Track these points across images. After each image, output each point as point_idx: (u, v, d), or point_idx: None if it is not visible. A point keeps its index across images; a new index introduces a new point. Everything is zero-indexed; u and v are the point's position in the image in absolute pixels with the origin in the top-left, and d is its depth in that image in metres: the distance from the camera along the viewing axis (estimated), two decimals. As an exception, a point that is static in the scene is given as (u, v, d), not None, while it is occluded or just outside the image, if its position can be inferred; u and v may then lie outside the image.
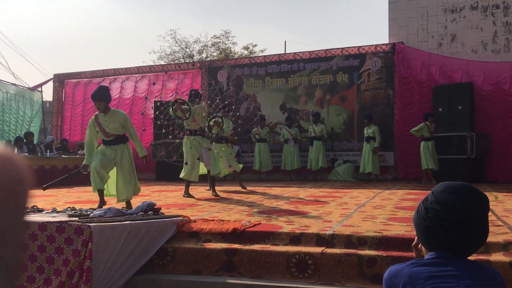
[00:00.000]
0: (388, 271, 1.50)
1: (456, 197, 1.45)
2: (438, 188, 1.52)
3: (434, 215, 1.46)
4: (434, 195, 1.51)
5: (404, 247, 3.75)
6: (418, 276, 1.40)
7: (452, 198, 1.45)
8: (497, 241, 3.75)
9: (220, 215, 5.38)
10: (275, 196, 7.84)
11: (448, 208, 1.44)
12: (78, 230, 3.64)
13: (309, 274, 3.77)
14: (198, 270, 4.05)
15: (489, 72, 11.58)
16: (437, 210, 1.46)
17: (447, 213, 1.44)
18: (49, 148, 12.74)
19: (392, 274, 1.47)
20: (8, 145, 11.05)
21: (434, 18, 12.68)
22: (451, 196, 1.46)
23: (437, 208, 1.46)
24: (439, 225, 1.45)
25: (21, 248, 0.85)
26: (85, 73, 16.61)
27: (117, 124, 6.22)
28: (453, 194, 1.46)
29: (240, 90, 14.45)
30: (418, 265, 1.44)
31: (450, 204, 1.45)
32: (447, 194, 1.47)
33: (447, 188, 1.49)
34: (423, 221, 1.50)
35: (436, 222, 1.46)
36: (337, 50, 13.51)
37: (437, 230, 1.46)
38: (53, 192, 9.23)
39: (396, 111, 12.55)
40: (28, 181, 0.85)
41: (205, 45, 30.54)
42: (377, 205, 6.35)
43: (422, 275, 1.40)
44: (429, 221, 1.48)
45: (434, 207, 1.47)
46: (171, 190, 9.43)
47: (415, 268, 1.43)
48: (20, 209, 0.84)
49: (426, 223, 1.49)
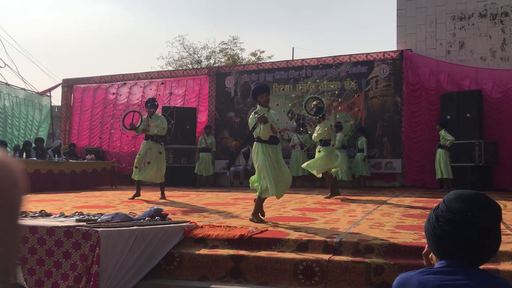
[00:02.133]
0: (398, 278, 1.49)
1: (467, 206, 1.43)
2: (450, 197, 1.50)
3: (445, 223, 1.45)
4: (445, 204, 1.49)
5: (412, 255, 3.73)
6: (428, 285, 1.39)
7: (463, 207, 1.43)
8: (506, 250, 3.72)
9: (227, 221, 5.37)
10: (282, 203, 7.83)
11: (459, 217, 1.42)
12: (86, 235, 3.65)
13: (316, 281, 3.75)
14: (205, 276, 4.05)
15: (498, 79, 11.53)
16: (448, 219, 1.44)
17: (458, 222, 1.42)
18: (57, 152, 12.81)
19: (402, 282, 1.46)
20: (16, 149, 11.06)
21: (443, 26, 12.66)
22: (463, 204, 1.44)
23: (448, 216, 1.45)
24: (450, 233, 1.43)
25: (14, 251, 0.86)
26: (94, 78, 16.72)
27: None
28: (465, 202, 1.44)
29: (247, 96, 14.47)
30: (428, 273, 1.43)
31: (461, 213, 1.42)
32: (459, 202, 1.45)
33: (459, 197, 1.47)
34: (433, 230, 1.48)
35: (447, 230, 1.44)
36: (345, 56, 13.51)
37: (448, 238, 1.44)
38: (60, 196, 9.28)
39: (404, 118, 12.52)
40: (22, 186, 0.86)
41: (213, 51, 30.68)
42: (385, 213, 6.32)
43: (432, 283, 1.39)
44: (439, 229, 1.46)
45: (445, 216, 1.45)
46: (178, 196, 9.44)
47: (425, 276, 1.42)
48: (13, 213, 0.85)
49: (436, 232, 1.47)
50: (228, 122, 14.66)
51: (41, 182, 11.17)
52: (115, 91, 16.15)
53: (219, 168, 14.27)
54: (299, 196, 9.30)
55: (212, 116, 14.80)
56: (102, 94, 16.44)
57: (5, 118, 15.53)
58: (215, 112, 14.79)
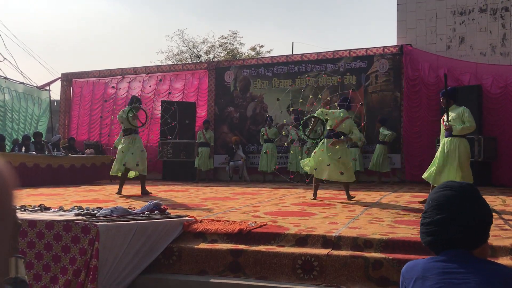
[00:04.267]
0: (406, 264, 1.57)
1: (432, 195, 1.54)
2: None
3: (423, 218, 1.55)
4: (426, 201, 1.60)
5: (411, 250, 3.74)
6: (431, 272, 1.45)
7: (430, 197, 1.56)
8: (504, 245, 3.73)
9: (226, 215, 5.38)
10: (281, 197, 7.84)
11: (428, 207, 1.53)
12: (85, 229, 3.65)
13: (314, 276, 3.76)
14: (204, 270, 4.06)
15: (498, 75, 11.51)
16: (423, 214, 1.55)
17: (428, 212, 1.52)
18: (56, 146, 12.80)
19: (409, 268, 1.54)
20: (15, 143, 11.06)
21: (443, 21, 12.63)
22: (429, 197, 1.56)
23: (423, 213, 1.56)
24: (428, 225, 1.51)
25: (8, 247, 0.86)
26: (93, 72, 16.69)
27: None
28: (432, 193, 1.56)
29: (247, 91, 14.47)
30: (434, 261, 1.49)
31: (428, 203, 1.54)
32: (429, 195, 1.57)
33: (432, 192, 1.58)
34: (420, 228, 1.56)
35: (425, 223, 1.53)
36: (344, 51, 13.49)
37: (429, 231, 1.51)
38: (60, 191, 9.28)
39: (404, 114, 12.51)
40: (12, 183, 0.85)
41: (212, 46, 30.62)
42: (384, 208, 6.33)
43: (434, 270, 1.44)
44: (422, 226, 1.55)
45: (423, 215, 1.56)
46: (177, 190, 9.45)
47: (430, 263, 1.48)
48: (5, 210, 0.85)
49: (422, 229, 1.55)
50: (228, 117, 14.65)
51: (40, 176, 11.17)
52: (115, 85, 16.12)
53: (218, 162, 14.27)
54: (298, 191, 9.31)
55: (212, 111, 14.78)
56: (101, 89, 16.42)
57: (5, 112, 15.52)
58: (215, 107, 14.78)
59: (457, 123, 6.43)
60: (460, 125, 6.38)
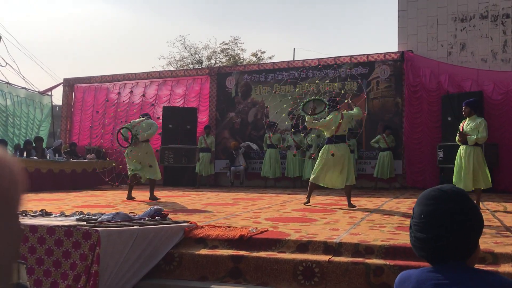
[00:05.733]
0: (400, 275, 1.53)
1: (421, 207, 1.47)
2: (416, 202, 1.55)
3: (413, 230, 1.49)
4: (413, 211, 1.53)
5: (412, 256, 3.72)
6: (425, 283, 1.42)
7: (419, 209, 1.48)
8: (506, 252, 3.72)
9: (227, 221, 5.37)
10: (282, 203, 7.83)
11: (418, 221, 1.47)
12: (86, 234, 3.65)
13: (315, 282, 3.75)
14: (205, 276, 4.05)
15: (499, 81, 11.52)
16: (414, 225, 1.49)
17: (419, 225, 1.46)
18: (57, 152, 12.81)
19: (403, 279, 1.50)
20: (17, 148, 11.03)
21: (444, 27, 12.66)
22: (418, 207, 1.49)
23: (414, 223, 1.49)
24: (419, 238, 1.47)
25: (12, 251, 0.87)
26: (95, 77, 16.73)
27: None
28: (420, 204, 1.49)
29: (248, 96, 14.49)
30: (428, 271, 1.46)
31: (418, 217, 1.47)
32: (417, 206, 1.50)
33: (418, 200, 1.52)
34: (411, 239, 1.53)
35: (416, 236, 1.48)
36: (346, 57, 13.51)
37: (421, 243, 1.47)
38: (61, 196, 9.28)
39: (405, 120, 12.51)
40: (21, 185, 0.86)
41: (214, 51, 30.69)
42: (385, 214, 6.32)
43: (429, 282, 1.42)
44: (413, 238, 1.50)
45: (412, 223, 1.50)
46: (178, 196, 9.44)
47: (424, 274, 1.45)
48: (12, 213, 0.85)
49: (412, 241, 1.51)
50: (229, 122, 14.66)
51: (42, 181, 11.17)
52: (117, 91, 16.16)
53: (219, 168, 14.27)
54: (299, 196, 9.30)
55: (213, 116, 14.80)
56: (103, 94, 16.45)
57: (6, 117, 15.53)
58: (216, 112, 14.79)
59: (474, 132, 7.13)
60: (473, 137, 7.10)
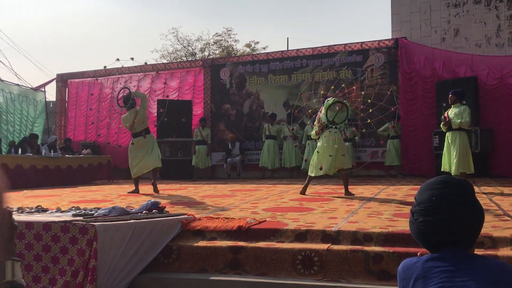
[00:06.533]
0: (403, 263, 1.53)
1: (432, 192, 1.49)
2: (418, 192, 1.56)
3: (419, 216, 1.49)
4: (415, 199, 1.55)
5: (411, 243, 3.72)
6: (431, 271, 1.42)
7: (428, 194, 1.49)
8: (504, 236, 3.72)
9: (225, 212, 5.36)
10: (280, 193, 7.82)
11: (428, 205, 1.47)
12: (83, 229, 3.63)
13: (315, 271, 3.74)
14: (204, 268, 4.04)
15: (493, 66, 11.51)
16: (421, 211, 1.49)
17: (428, 209, 1.47)
18: (52, 148, 12.75)
19: (406, 267, 1.50)
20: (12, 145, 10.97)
21: (437, 13, 12.61)
22: (427, 192, 1.50)
23: (420, 209, 1.49)
24: (427, 223, 1.47)
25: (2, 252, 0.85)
26: (88, 72, 16.63)
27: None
28: (428, 190, 1.50)
29: (243, 88, 14.43)
30: (431, 259, 1.46)
31: (428, 200, 1.48)
32: (424, 192, 1.51)
33: (423, 187, 1.54)
34: (413, 226, 1.53)
35: (424, 221, 1.48)
36: (340, 46, 13.46)
37: (429, 229, 1.47)
38: (57, 192, 9.25)
39: (400, 107, 12.49)
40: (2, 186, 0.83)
41: (207, 43, 30.55)
42: (382, 201, 6.32)
43: (434, 269, 1.42)
44: (416, 224, 1.50)
45: (417, 210, 1.51)
46: (175, 189, 9.42)
47: (428, 262, 1.45)
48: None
49: (415, 227, 1.51)
50: (224, 114, 14.61)
51: (37, 177, 11.13)
52: (111, 85, 16.08)
53: (215, 160, 14.25)
54: (296, 186, 9.29)
55: (208, 108, 14.75)
56: (97, 89, 16.36)
57: (0, 114, 15.44)
58: (211, 104, 14.74)
59: (458, 118, 7.71)
60: (457, 121, 7.68)
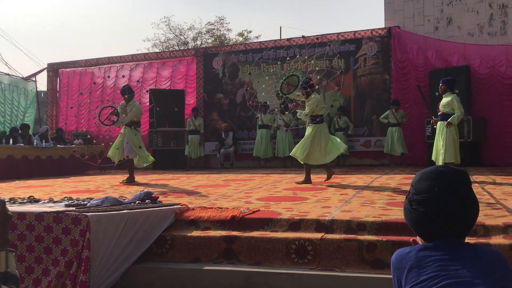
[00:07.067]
0: (396, 253, 1.53)
1: (434, 182, 1.47)
2: (415, 179, 1.54)
3: (418, 205, 1.48)
4: (413, 187, 1.53)
5: (404, 232, 3.74)
6: (425, 260, 1.42)
7: (429, 184, 1.48)
8: (496, 224, 3.75)
9: (218, 202, 5.35)
10: (273, 183, 7.82)
11: (428, 196, 1.46)
12: (76, 220, 3.60)
13: (309, 260, 3.75)
14: (198, 258, 4.03)
15: (486, 55, 11.54)
16: (419, 200, 1.48)
17: (428, 200, 1.46)
18: (44, 138, 12.66)
19: (400, 257, 1.50)
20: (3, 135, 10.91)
21: (430, 2, 12.59)
22: (428, 182, 1.48)
23: (419, 198, 1.48)
24: (425, 213, 1.46)
25: None
26: (79, 62, 16.49)
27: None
28: (429, 179, 1.49)
29: (235, 77, 14.38)
30: (424, 249, 1.46)
31: (428, 190, 1.47)
32: (424, 181, 1.50)
33: (422, 176, 1.52)
34: (410, 214, 1.52)
35: (422, 211, 1.47)
36: (333, 35, 13.42)
37: (426, 219, 1.47)
38: (49, 182, 9.20)
39: (393, 96, 12.50)
40: None
41: (199, 32, 30.38)
42: (376, 190, 6.34)
43: (428, 258, 1.42)
44: (415, 213, 1.49)
45: (416, 199, 1.50)
46: (168, 178, 9.40)
47: (422, 252, 1.45)
48: None
49: (413, 216, 1.50)
50: (217, 104, 14.57)
51: (29, 168, 11.07)
52: (102, 74, 15.96)
53: (209, 150, 14.22)
54: (289, 176, 9.31)
55: (201, 98, 14.69)
56: (88, 78, 16.23)
57: (-10, 105, 15.31)
58: (204, 94, 14.68)
59: (446, 108, 7.66)
60: (454, 116, 7.53)
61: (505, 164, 10.80)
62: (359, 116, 12.89)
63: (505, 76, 11.29)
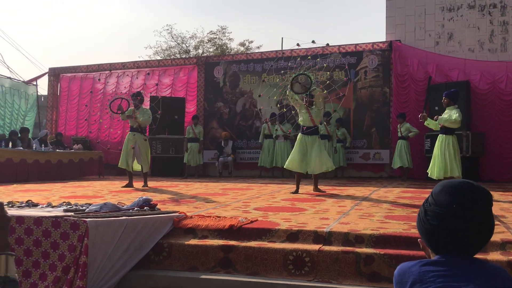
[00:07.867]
0: (398, 268, 1.50)
1: (453, 198, 1.41)
2: (437, 189, 1.48)
3: (433, 217, 1.44)
4: (432, 197, 1.47)
5: (402, 245, 3.74)
6: (427, 275, 1.39)
7: (449, 199, 1.42)
8: (494, 240, 3.75)
9: (216, 211, 5.35)
10: (272, 193, 7.83)
11: (446, 210, 1.41)
12: (74, 225, 3.61)
13: (306, 271, 3.75)
14: (195, 266, 4.03)
15: (486, 71, 11.60)
16: (436, 213, 1.43)
17: (445, 215, 1.41)
18: (43, 142, 12.66)
19: (402, 271, 1.47)
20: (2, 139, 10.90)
21: (432, 17, 12.68)
22: (448, 196, 1.42)
23: (435, 210, 1.43)
24: (439, 227, 1.42)
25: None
26: (81, 67, 16.53)
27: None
28: (450, 194, 1.43)
29: (236, 86, 14.42)
30: (427, 264, 1.43)
31: (447, 205, 1.41)
32: (445, 194, 1.44)
33: (444, 188, 1.46)
34: (423, 225, 1.48)
35: (436, 225, 1.43)
36: (334, 47, 13.49)
37: (438, 232, 1.43)
38: (47, 186, 9.19)
39: (393, 109, 12.55)
40: None
41: (201, 41, 30.43)
42: (374, 203, 6.34)
43: (431, 274, 1.39)
44: (428, 224, 1.45)
45: (433, 209, 1.44)
46: (167, 186, 9.39)
47: (425, 267, 1.42)
48: None
49: (426, 226, 1.46)
50: (217, 112, 14.60)
51: (28, 172, 11.05)
52: (103, 80, 16.00)
53: (207, 158, 14.23)
54: (287, 186, 9.30)
55: (201, 106, 14.72)
56: (89, 84, 16.27)
57: (-9, 107, 15.31)
58: (204, 102, 14.72)
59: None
60: (444, 117, 7.39)
61: (503, 180, 10.82)
62: (358, 128, 12.92)
63: (505, 92, 11.35)
